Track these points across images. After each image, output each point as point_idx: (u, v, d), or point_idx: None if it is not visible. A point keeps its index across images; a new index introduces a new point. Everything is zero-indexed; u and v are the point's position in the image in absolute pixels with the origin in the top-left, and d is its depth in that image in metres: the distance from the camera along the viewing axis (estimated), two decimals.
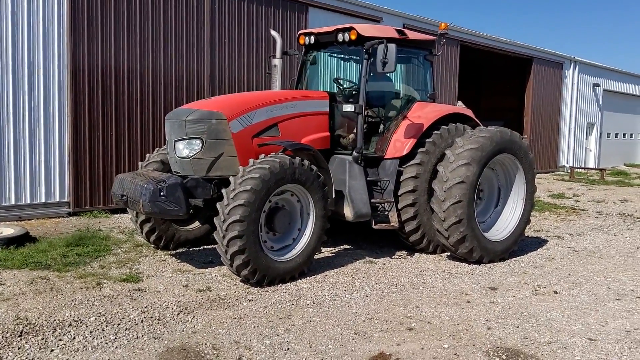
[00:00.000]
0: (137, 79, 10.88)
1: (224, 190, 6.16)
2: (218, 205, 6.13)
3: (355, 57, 8.80)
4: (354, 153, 7.56)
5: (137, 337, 4.85)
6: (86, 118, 10.27)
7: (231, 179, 6.21)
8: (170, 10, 11.22)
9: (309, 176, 6.56)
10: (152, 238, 7.64)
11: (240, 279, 6.41)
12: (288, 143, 6.85)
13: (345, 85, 8.50)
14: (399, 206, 7.71)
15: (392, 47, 7.10)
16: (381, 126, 8.17)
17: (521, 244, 8.61)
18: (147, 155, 7.81)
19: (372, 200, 7.57)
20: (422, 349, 4.83)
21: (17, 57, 9.54)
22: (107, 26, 10.40)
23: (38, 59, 9.77)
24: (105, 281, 6.29)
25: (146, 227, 7.54)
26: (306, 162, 6.59)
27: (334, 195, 7.13)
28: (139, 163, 7.75)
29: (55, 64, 9.94)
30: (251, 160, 6.36)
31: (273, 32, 8.95)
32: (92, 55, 10.26)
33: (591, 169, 24.02)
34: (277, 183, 6.24)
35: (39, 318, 5.12)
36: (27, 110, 9.68)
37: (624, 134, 29.73)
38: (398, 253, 8.12)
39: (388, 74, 7.99)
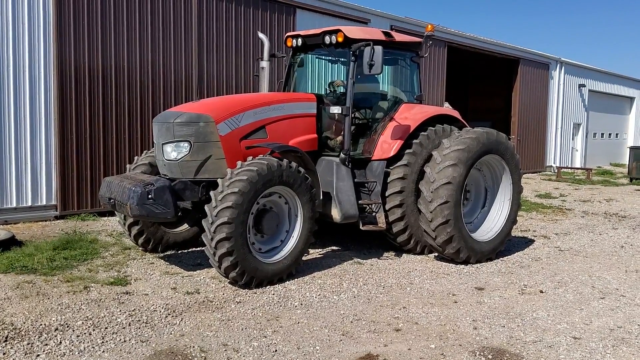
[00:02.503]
0: (125, 81, 10.84)
1: (212, 193, 6.16)
2: (206, 207, 6.13)
3: (342, 59, 8.84)
4: (342, 155, 7.59)
5: (125, 341, 4.84)
6: (73, 120, 10.21)
7: (219, 181, 6.22)
8: (157, 12, 11.19)
9: (297, 178, 6.58)
10: (141, 241, 7.61)
11: (228, 281, 6.41)
12: (275, 145, 6.86)
13: (339, 90, 8.50)
14: (387, 207, 7.75)
15: (378, 49, 7.14)
16: (368, 128, 8.21)
17: (508, 244, 8.69)
18: (136, 157, 7.79)
19: (360, 202, 7.60)
20: (409, 349, 4.86)
21: (1, 57, 9.46)
22: (94, 27, 10.35)
23: (24, 59, 9.70)
24: (92, 285, 6.26)
25: (134, 230, 7.52)
26: (294, 164, 6.61)
27: (321, 197, 7.15)
28: (127, 165, 7.73)
29: (41, 65, 9.88)
30: (239, 162, 6.37)
31: (260, 35, 8.96)
32: (78, 56, 10.20)
33: (577, 168, 24.26)
34: (264, 185, 6.26)
35: (24, 323, 5.09)
36: (12, 112, 9.62)
37: (610, 134, 30.05)
38: (386, 254, 8.16)
39: (375, 76, 8.03)
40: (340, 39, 7.68)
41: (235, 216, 5.98)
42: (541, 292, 6.63)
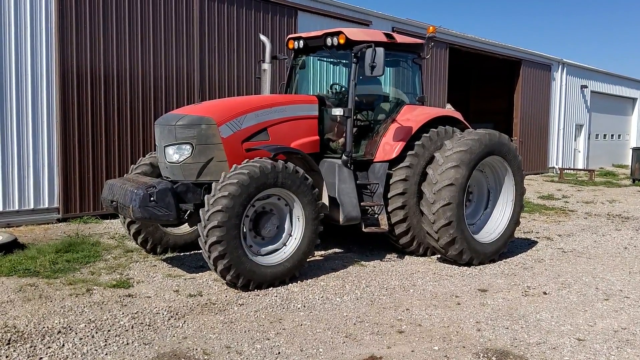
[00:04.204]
0: (127, 83, 10.86)
1: (205, 197, 6.18)
2: (200, 211, 6.13)
3: (344, 61, 8.84)
4: (344, 156, 7.58)
5: (128, 344, 4.84)
6: (75, 122, 10.23)
7: (213, 185, 6.22)
8: (159, 14, 11.21)
9: (295, 180, 6.54)
10: (139, 240, 7.64)
11: (226, 283, 6.40)
12: (275, 147, 6.85)
13: (340, 92, 8.49)
14: (389, 209, 7.74)
15: (380, 50, 7.14)
16: (370, 129, 8.20)
17: (511, 245, 8.66)
18: (140, 159, 7.80)
19: (362, 204, 7.59)
20: (412, 351, 4.85)
21: (4, 60, 9.49)
22: (96, 29, 10.37)
23: (26, 62, 9.72)
24: (95, 287, 6.26)
25: (133, 229, 7.54)
26: (290, 165, 6.57)
27: (327, 200, 7.12)
28: (131, 166, 7.73)
29: (43, 67, 9.90)
30: (234, 165, 6.36)
31: (262, 37, 8.96)
32: (80, 58, 10.22)
33: (580, 170, 24.22)
34: (258, 188, 6.22)
35: (27, 326, 5.08)
36: (14, 115, 9.64)
37: (612, 135, 30.02)
38: (388, 256, 8.14)
39: (377, 78, 8.02)
40: (341, 41, 7.67)
41: (227, 219, 5.97)
42: (545, 293, 6.60)
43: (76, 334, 4.97)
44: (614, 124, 29.89)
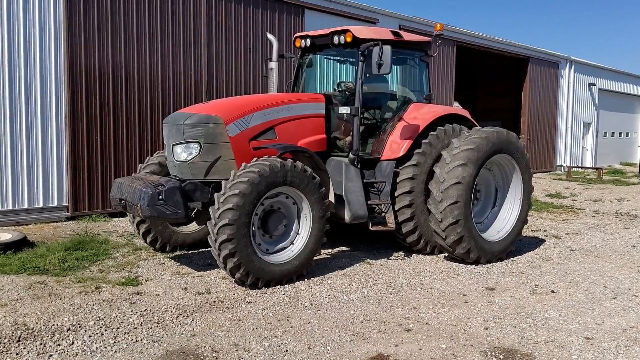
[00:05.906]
0: (135, 82, 10.90)
1: (215, 195, 6.20)
2: (210, 209, 6.16)
3: (351, 59, 8.83)
4: (351, 155, 7.58)
5: (136, 341, 4.87)
6: (84, 121, 10.28)
7: (223, 183, 6.24)
8: (167, 13, 11.24)
9: (303, 178, 6.56)
10: (149, 239, 7.68)
11: (235, 280, 6.42)
12: (283, 146, 6.86)
13: (347, 91, 8.50)
14: (396, 207, 7.73)
15: (387, 49, 7.13)
16: (377, 128, 8.20)
17: (518, 244, 8.64)
18: (148, 158, 7.84)
19: (369, 202, 7.59)
20: (420, 349, 4.86)
21: (13, 59, 9.54)
22: (104, 28, 10.41)
23: (35, 61, 9.77)
24: (104, 285, 6.30)
25: (142, 228, 7.59)
26: (299, 164, 6.60)
27: (333, 198, 7.14)
28: (139, 165, 7.77)
29: (52, 67, 9.95)
30: (244, 163, 6.38)
31: (269, 35, 8.98)
32: (89, 57, 10.27)
33: (588, 168, 24.10)
34: (267, 186, 6.25)
35: (37, 323, 5.13)
36: (24, 114, 9.70)
37: (620, 133, 29.83)
38: (395, 254, 8.14)
39: (384, 76, 8.02)
40: (348, 39, 7.67)
41: (237, 218, 6.00)
42: (552, 292, 6.59)
43: (85, 331, 5.01)
44: (622, 121, 29.71)
